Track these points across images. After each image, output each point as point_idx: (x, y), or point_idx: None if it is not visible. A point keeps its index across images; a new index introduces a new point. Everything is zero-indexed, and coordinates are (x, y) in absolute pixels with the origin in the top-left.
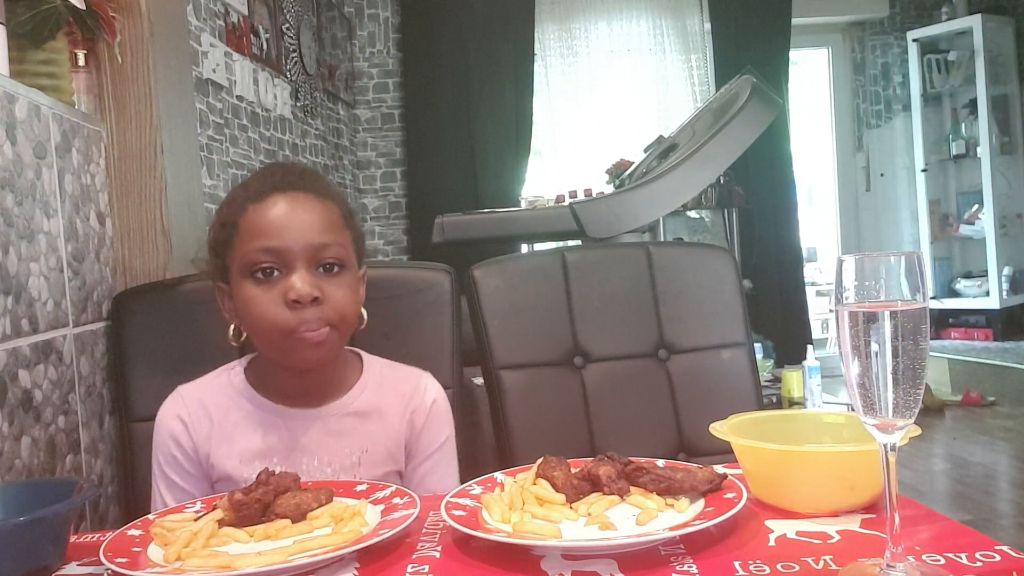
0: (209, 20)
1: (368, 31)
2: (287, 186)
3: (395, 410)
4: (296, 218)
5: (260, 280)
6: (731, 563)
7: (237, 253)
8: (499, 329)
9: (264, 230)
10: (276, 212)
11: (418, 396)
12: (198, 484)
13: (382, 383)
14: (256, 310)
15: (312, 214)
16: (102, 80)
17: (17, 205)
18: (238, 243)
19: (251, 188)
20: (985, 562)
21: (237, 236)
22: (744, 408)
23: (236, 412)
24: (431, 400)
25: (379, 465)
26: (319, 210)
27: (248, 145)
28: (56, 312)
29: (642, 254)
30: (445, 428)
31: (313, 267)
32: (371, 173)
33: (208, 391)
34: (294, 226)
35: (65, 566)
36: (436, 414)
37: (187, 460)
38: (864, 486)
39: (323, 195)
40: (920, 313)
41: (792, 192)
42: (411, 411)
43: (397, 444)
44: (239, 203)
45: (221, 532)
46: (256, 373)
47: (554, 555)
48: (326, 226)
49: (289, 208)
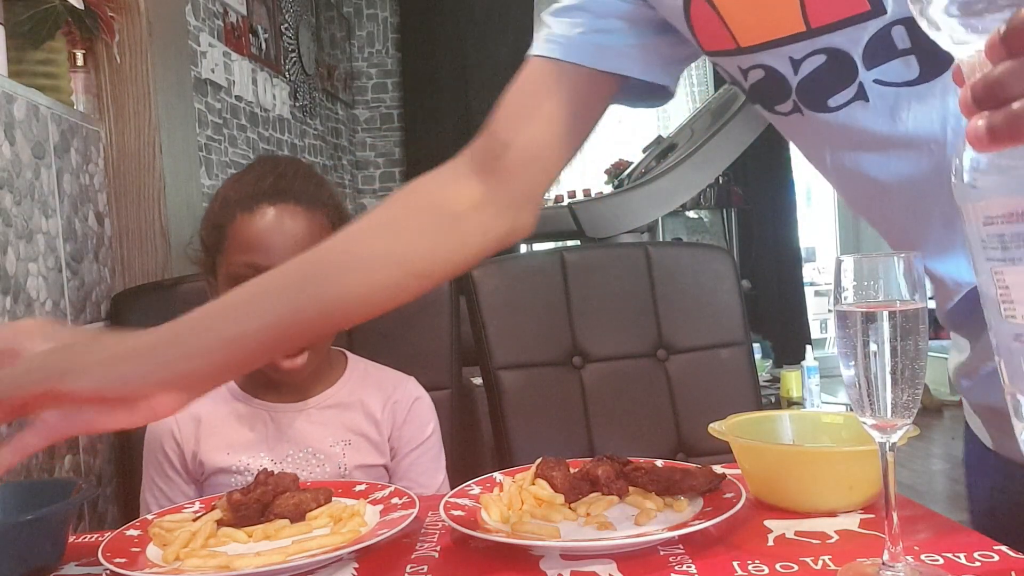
0: (208, 20)
1: (367, 31)
2: (277, 195)
3: (376, 402)
4: (282, 235)
5: None
6: (730, 563)
7: (225, 260)
8: (498, 329)
9: (250, 244)
10: (263, 226)
11: (400, 391)
12: (184, 490)
13: (365, 379)
14: None
15: (298, 229)
16: (101, 80)
17: (16, 205)
18: (226, 250)
19: (243, 189)
20: (984, 562)
21: (226, 243)
22: (743, 408)
23: (223, 408)
24: (413, 396)
25: (364, 456)
26: (306, 225)
27: (247, 145)
28: (55, 312)
29: (641, 254)
30: (428, 424)
31: None
32: (370, 173)
33: None
34: (280, 244)
35: (64, 566)
36: (418, 409)
37: (171, 467)
38: (863, 486)
39: (313, 204)
40: (919, 313)
41: (791, 192)
42: (392, 403)
43: (381, 436)
44: (230, 208)
45: (220, 532)
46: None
47: (553, 555)
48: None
49: (276, 222)
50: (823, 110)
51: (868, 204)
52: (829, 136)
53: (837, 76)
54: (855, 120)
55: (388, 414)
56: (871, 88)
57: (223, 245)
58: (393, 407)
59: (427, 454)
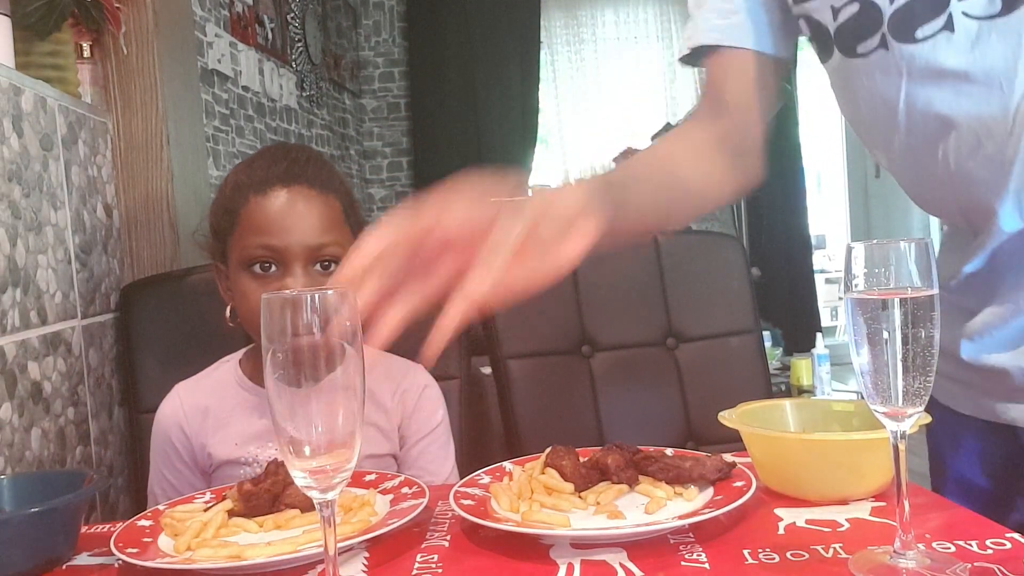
0: (214, 10)
1: (373, 20)
2: (291, 178)
3: (386, 391)
4: (297, 216)
5: (257, 274)
6: (740, 551)
7: (237, 243)
8: (507, 318)
9: (265, 226)
10: (277, 207)
11: (409, 379)
12: (192, 481)
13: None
14: (252, 305)
15: (312, 212)
16: (108, 71)
17: (24, 197)
18: (239, 233)
19: (255, 174)
20: (996, 549)
21: (238, 226)
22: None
23: (232, 400)
24: (422, 384)
25: (373, 444)
26: (320, 207)
27: (254, 135)
28: (64, 304)
29: (650, 242)
30: (438, 412)
31: (310, 265)
32: (377, 163)
33: (204, 385)
34: (294, 225)
35: (76, 557)
36: (427, 396)
37: (179, 459)
38: (874, 474)
39: (326, 188)
40: (930, 300)
41: (801, 179)
42: (402, 391)
43: (391, 425)
44: (242, 191)
45: (231, 522)
46: (252, 360)
47: (563, 544)
48: (326, 225)
49: (290, 204)
50: (909, 41)
51: (931, 146)
52: (909, 70)
53: (930, 6)
54: (936, 53)
55: (397, 403)
56: (958, 20)
57: (235, 229)
58: (403, 396)
59: (436, 442)
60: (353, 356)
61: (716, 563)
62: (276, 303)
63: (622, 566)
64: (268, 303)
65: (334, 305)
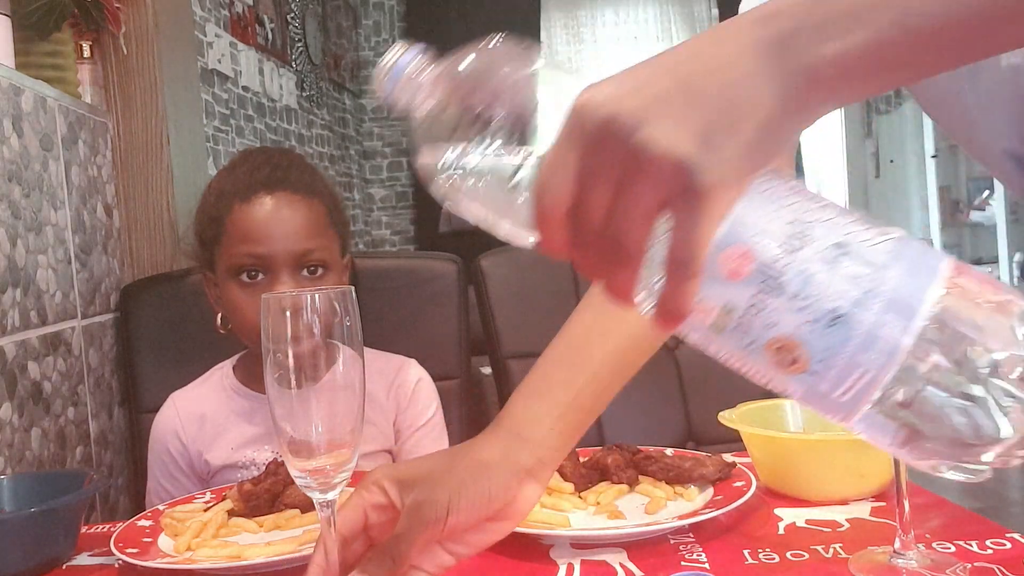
0: (214, 10)
1: (373, 20)
2: (274, 184)
3: (380, 388)
4: (281, 222)
5: (245, 283)
6: (740, 551)
7: (224, 252)
8: (507, 318)
9: (250, 234)
10: (262, 215)
11: (402, 375)
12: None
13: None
14: (241, 314)
15: (297, 217)
16: (108, 71)
17: (24, 197)
18: (225, 242)
19: (239, 181)
20: (996, 549)
21: (224, 235)
22: (753, 396)
23: (227, 407)
24: (415, 379)
25: (368, 442)
26: (304, 212)
27: (254, 135)
28: (64, 304)
29: None
30: (431, 404)
31: (297, 271)
32: (377, 163)
33: (199, 393)
34: (279, 232)
35: (76, 556)
36: (421, 390)
37: (177, 469)
38: (874, 474)
39: (309, 192)
40: None
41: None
42: (396, 387)
43: (386, 422)
44: (226, 199)
45: (231, 522)
46: (245, 366)
47: (563, 544)
48: (311, 230)
49: (275, 210)
50: None
51: None
52: None
53: None
54: None
55: (392, 399)
56: None
57: (221, 238)
58: (397, 391)
59: (430, 435)
60: (352, 356)
61: (716, 563)
62: (276, 304)
63: (622, 566)
64: (268, 304)
65: (333, 305)
